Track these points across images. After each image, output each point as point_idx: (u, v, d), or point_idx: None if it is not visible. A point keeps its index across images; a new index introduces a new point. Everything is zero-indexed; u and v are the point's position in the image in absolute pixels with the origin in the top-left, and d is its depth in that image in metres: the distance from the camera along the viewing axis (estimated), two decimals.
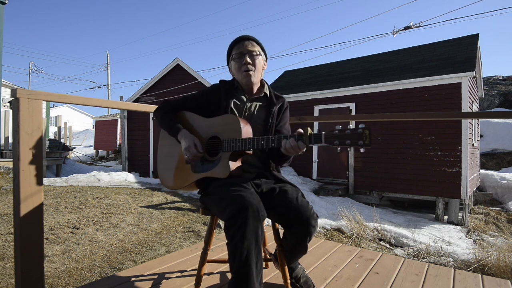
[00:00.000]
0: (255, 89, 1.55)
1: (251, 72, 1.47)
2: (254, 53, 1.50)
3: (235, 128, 1.35)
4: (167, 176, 1.57)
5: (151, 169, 10.75)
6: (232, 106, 1.49)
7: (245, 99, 1.53)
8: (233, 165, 1.36)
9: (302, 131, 1.21)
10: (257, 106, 1.54)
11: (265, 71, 1.60)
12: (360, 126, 1.09)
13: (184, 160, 1.51)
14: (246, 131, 1.36)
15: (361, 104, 8.51)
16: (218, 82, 1.59)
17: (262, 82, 1.59)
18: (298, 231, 1.35)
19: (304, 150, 1.24)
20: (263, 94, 1.56)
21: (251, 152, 1.36)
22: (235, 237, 1.16)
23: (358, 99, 8.57)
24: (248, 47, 1.49)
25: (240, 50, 1.49)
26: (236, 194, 1.22)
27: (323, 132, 1.16)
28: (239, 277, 1.16)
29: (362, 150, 1.14)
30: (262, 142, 1.27)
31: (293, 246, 1.42)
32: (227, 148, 1.35)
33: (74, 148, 19.36)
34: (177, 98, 1.61)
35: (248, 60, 1.47)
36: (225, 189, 1.28)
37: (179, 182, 1.51)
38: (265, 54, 1.57)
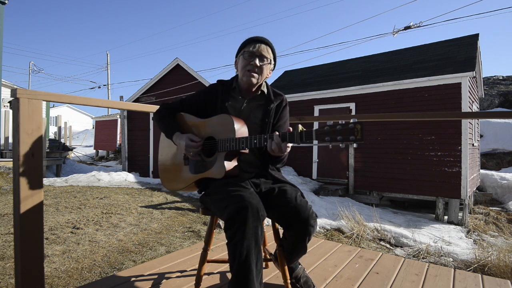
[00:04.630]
0: (253, 89, 1.52)
1: (254, 74, 1.44)
2: (265, 59, 1.46)
3: (230, 128, 1.34)
4: (168, 178, 1.58)
5: (151, 169, 10.74)
6: (228, 106, 1.48)
7: (242, 99, 1.51)
8: (229, 165, 1.36)
9: (291, 129, 1.19)
10: (254, 105, 1.52)
11: None
12: (352, 120, 1.07)
13: (183, 162, 1.51)
14: (241, 130, 1.36)
15: (361, 104, 8.50)
16: (215, 82, 1.58)
17: None
18: (297, 231, 1.34)
19: (287, 150, 1.21)
20: (260, 92, 1.53)
21: (246, 151, 1.35)
22: (235, 237, 1.16)
23: (358, 99, 8.56)
24: (263, 51, 1.44)
25: (253, 51, 1.44)
26: (235, 194, 1.22)
27: (314, 129, 1.13)
28: (239, 277, 1.16)
29: (355, 145, 1.12)
30: (255, 141, 1.26)
31: (292, 246, 1.42)
32: (222, 148, 1.35)
33: (74, 148, 19.35)
34: (175, 100, 1.60)
35: (257, 63, 1.43)
36: (224, 189, 1.28)
37: (179, 183, 1.52)
38: (274, 64, 1.53)
